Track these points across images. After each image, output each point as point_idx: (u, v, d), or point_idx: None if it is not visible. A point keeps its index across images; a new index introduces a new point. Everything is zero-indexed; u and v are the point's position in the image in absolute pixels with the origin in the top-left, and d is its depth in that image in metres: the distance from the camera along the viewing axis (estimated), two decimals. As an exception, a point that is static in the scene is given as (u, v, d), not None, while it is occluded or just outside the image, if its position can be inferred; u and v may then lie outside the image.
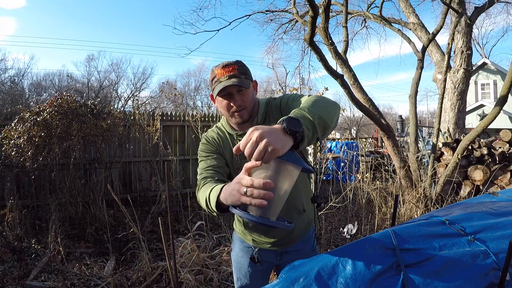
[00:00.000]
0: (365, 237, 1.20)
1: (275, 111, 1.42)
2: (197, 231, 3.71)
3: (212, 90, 1.34)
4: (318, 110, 1.02)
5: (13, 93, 20.34)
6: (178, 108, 23.74)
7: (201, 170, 1.37)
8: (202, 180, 1.31)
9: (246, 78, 1.32)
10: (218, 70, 1.32)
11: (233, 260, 1.67)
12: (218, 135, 1.47)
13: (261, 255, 1.55)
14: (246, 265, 1.59)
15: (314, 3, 3.21)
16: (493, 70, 17.76)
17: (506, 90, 3.40)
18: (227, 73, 1.29)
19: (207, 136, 1.48)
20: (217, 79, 1.32)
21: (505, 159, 4.84)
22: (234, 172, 1.43)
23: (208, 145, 1.45)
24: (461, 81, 6.96)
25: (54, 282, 3.10)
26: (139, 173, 6.14)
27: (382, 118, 4.76)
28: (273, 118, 1.40)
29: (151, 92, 32.76)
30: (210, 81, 1.35)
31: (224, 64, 1.32)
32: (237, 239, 1.65)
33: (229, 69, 1.30)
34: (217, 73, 1.32)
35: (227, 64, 1.32)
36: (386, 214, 4.52)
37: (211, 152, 1.43)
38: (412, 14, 7.51)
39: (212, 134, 1.48)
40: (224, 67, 1.31)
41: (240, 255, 1.61)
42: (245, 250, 1.59)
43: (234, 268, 1.65)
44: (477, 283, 1.05)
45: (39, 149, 4.24)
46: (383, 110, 34.07)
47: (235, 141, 1.43)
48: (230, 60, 1.34)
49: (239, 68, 1.31)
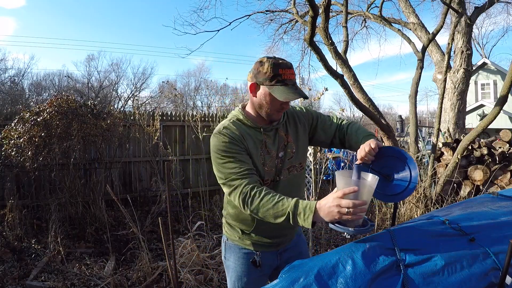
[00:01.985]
0: (365, 237, 1.20)
1: (299, 117, 1.56)
2: (197, 231, 3.70)
3: (270, 82, 1.33)
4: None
5: (13, 93, 20.34)
6: (178, 108, 23.75)
7: (235, 173, 1.28)
8: (249, 186, 1.23)
9: None
10: (284, 69, 1.33)
11: (229, 270, 1.59)
12: (238, 130, 1.39)
13: (262, 258, 1.54)
14: (246, 271, 1.55)
15: (314, 3, 3.21)
16: (493, 70, 17.77)
17: (506, 90, 3.40)
18: (292, 76, 1.35)
19: (229, 134, 1.36)
20: (282, 79, 1.32)
21: (505, 159, 4.84)
22: (260, 166, 1.40)
23: (232, 143, 1.34)
24: (461, 81, 6.96)
25: (54, 282, 3.10)
26: (139, 173, 6.14)
27: (382, 118, 4.76)
28: (293, 122, 1.55)
29: (151, 92, 32.75)
30: (270, 71, 1.32)
31: (289, 64, 1.36)
32: (232, 247, 1.58)
33: (293, 72, 1.36)
34: (282, 72, 1.33)
35: (291, 65, 1.36)
36: (386, 214, 4.52)
37: (239, 152, 1.34)
38: (412, 14, 7.51)
39: (232, 130, 1.38)
40: (290, 68, 1.35)
41: (239, 263, 1.56)
42: (244, 257, 1.55)
43: (233, 277, 1.57)
44: (477, 283, 1.04)
45: (39, 149, 4.24)
46: (383, 110, 34.09)
47: (260, 135, 1.43)
48: (284, 59, 1.37)
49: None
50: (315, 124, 1.58)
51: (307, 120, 1.58)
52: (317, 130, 1.58)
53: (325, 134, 1.58)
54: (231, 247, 1.59)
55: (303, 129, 1.55)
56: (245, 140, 1.38)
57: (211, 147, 1.38)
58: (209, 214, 4.69)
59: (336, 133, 1.57)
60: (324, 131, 1.58)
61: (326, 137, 1.59)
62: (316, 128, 1.58)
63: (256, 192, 1.22)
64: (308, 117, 1.58)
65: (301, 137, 1.54)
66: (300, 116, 1.56)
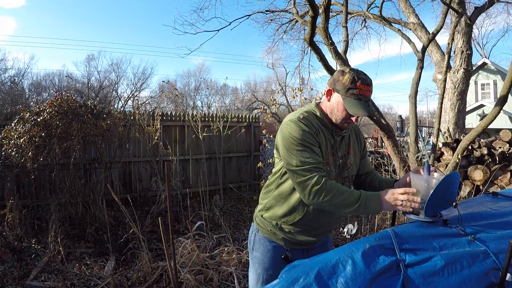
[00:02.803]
0: (365, 237, 1.20)
1: (361, 137, 1.68)
2: (197, 231, 3.70)
3: (345, 92, 1.40)
4: None
5: (13, 93, 20.33)
6: (178, 108, 23.75)
7: (310, 163, 1.34)
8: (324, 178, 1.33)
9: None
10: (361, 84, 1.39)
11: (256, 261, 1.62)
12: (317, 124, 1.47)
13: (292, 254, 1.59)
14: (273, 264, 1.59)
15: (314, 3, 3.21)
16: (493, 70, 17.76)
17: (506, 90, 3.40)
18: (368, 93, 1.41)
19: (309, 124, 1.42)
20: (358, 94, 1.39)
21: (505, 159, 4.84)
22: (324, 164, 1.45)
23: (311, 134, 1.40)
24: (461, 81, 6.96)
25: (54, 282, 3.10)
26: (139, 173, 6.14)
27: (382, 118, 4.76)
28: (355, 137, 1.65)
29: (151, 92, 32.74)
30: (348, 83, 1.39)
31: (368, 81, 1.41)
32: (262, 240, 1.61)
33: (370, 90, 1.42)
34: (359, 87, 1.39)
35: (370, 82, 1.42)
36: (386, 214, 4.52)
37: (315, 144, 1.41)
38: (412, 14, 7.51)
39: (312, 121, 1.45)
40: (369, 85, 1.41)
41: (268, 255, 1.59)
42: (273, 250, 1.59)
43: (259, 269, 1.60)
44: (477, 283, 1.05)
45: (39, 149, 4.24)
46: (383, 110, 34.05)
47: (331, 136, 1.51)
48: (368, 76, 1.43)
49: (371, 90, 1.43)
50: (363, 154, 1.70)
51: (363, 145, 1.69)
52: (362, 157, 1.69)
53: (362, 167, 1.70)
54: (261, 239, 1.61)
55: (359, 149, 1.65)
56: (319, 135, 1.45)
57: (286, 133, 1.40)
58: (209, 214, 4.69)
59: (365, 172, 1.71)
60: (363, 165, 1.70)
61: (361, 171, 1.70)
62: (363, 154, 1.70)
63: (331, 183, 1.34)
64: (363, 143, 1.70)
65: (357, 154, 1.64)
66: (361, 137, 1.69)
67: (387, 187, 1.49)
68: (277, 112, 21.26)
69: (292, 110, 22.54)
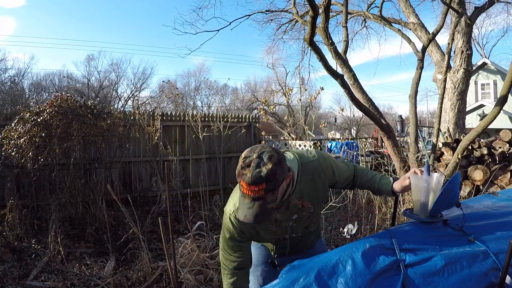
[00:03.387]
0: (365, 237, 1.20)
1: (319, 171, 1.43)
2: (197, 231, 3.70)
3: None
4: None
5: (13, 93, 20.33)
6: (178, 108, 23.74)
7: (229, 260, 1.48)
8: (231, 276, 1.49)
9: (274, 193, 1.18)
10: (244, 184, 1.15)
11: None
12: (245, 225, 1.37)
13: (279, 261, 1.63)
14: (262, 261, 1.66)
15: (314, 3, 3.22)
16: (493, 70, 17.76)
17: (506, 90, 3.40)
18: (253, 194, 1.15)
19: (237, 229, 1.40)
20: (242, 191, 1.18)
21: (505, 159, 4.84)
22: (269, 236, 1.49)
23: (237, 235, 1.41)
24: (461, 81, 6.96)
25: (54, 282, 3.10)
26: (139, 173, 6.13)
27: (382, 118, 4.76)
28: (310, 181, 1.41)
29: (151, 92, 32.75)
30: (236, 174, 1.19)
31: (250, 181, 1.13)
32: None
33: (254, 190, 1.14)
34: (243, 188, 1.16)
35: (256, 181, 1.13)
36: (386, 214, 4.52)
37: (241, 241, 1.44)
38: (412, 14, 7.50)
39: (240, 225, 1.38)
40: (250, 184, 1.13)
41: (257, 252, 1.66)
42: (262, 248, 1.67)
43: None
44: (477, 283, 1.05)
45: (39, 150, 4.24)
46: (383, 110, 34.02)
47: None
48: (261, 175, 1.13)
49: (267, 188, 1.14)
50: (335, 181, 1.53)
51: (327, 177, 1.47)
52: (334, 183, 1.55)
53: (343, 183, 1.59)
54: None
55: (323, 183, 1.45)
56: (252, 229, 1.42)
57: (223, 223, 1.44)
58: (209, 214, 4.69)
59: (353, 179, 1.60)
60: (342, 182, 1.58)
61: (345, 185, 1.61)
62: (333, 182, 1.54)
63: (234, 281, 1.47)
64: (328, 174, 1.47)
65: (320, 193, 1.47)
66: (319, 170, 1.43)
67: (385, 191, 1.51)
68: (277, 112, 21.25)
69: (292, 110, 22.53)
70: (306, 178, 1.39)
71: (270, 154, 1.16)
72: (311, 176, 1.40)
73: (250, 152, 1.19)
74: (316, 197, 1.46)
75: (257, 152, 1.17)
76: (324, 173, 1.44)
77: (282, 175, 1.18)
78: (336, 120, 31.06)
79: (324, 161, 1.45)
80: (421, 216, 1.32)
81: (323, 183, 1.45)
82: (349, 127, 30.68)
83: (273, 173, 1.14)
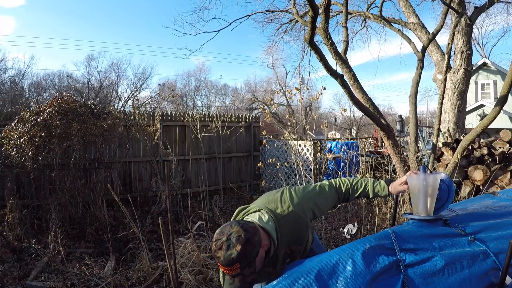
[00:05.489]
0: (365, 237, 1.20)
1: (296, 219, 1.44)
2: (197, 231, 3.70)
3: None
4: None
5: (13, 93, 20.33)
6: (178, 108, 23.77)
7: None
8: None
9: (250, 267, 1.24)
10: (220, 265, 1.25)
11: None
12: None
13: None
14: None
15: (314, 3, 3.21)
16: (493, 70, 17.75)
17: (506, 90, 3.40)
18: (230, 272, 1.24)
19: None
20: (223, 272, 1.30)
21: (505, 159, 4.84)
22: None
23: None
24: (461, 81, 6.96)
25: (54, 282, 3.10)
26: (139, 173, 6.13)
27: (382, 118, 4.76)
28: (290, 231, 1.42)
29: (151, 92, 32.74)
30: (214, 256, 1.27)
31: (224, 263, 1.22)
32: None
33: (230, 270, 1.23)
34: (221, 267, 1.27)
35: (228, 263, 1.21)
36: (386, 214, 4.52)
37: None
38: (412, 14, 7.51)
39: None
40: (225, 266, 1.23)
41: None
42: None
43: None
44: (477, 283, 1.05)
45: (39, 149, 4.24)
46: (383, 110, 34.00)
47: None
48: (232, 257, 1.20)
49: (241, 266, 1.22)
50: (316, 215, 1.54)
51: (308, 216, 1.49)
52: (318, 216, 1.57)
53: (331, 208, 1.63)
54: None
55: (305, 225, 1.49)
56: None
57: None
58: (209, 214, 4.69)
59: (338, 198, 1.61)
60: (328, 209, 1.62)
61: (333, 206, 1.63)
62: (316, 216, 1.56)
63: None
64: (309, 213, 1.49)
65: (305, 235, 1.51)
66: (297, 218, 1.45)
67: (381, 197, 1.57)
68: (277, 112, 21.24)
69: (292, 110, 22.53)
70: (287, 230, 1.42)
71: (237, 235, 1.22)
72: (291, 226, 1.43)
73: (220, 235, 1.26)
74: (301, 239, 1.49)
75: (226, 235, 1.24)
76: (304, 218, 1.46)
77: (254, 251, 1.24)
78: (336, 120, 31.08)
79: (300, 208, 1.45)
80: (422, 216, 1.34)
81: (305, 225, 1.48)
82: (349, 127, 30.71)
83: (243, 253, 1.21)
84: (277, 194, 1.49)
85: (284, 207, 1.43)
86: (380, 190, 1.54)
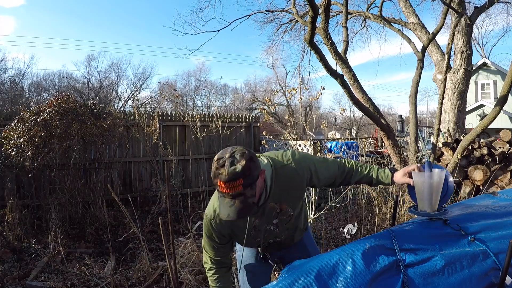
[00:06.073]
0: (365, 237, 1.20)
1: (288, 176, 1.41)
2: (197, 231, 3.70)
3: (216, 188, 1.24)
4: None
5: (13, 93, 20.34)
6: (178, 108, 23.77)
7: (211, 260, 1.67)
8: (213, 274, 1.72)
9: (252, 188, 1.21)
10: (222, 183, 1.18)
11: (239, 260, 1.78)
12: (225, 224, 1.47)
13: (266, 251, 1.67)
14: (254, 255, 1.72)
15: (314, 3, 3.21)
16: (493, 70, 17.76)
17: (506, 90, 3.40)
18: (229, 191, 1.18)
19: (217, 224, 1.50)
20: (220, 191, 1.21)
21: (505, 159, 4.84)
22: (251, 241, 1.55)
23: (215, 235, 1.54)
24: (461, 81, 6.96)
25: (54, 282, 3.10)
26: (139, 173, 6.13)
27: (382, 118, 4.76)
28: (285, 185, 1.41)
29: (151, 92, 32.81)
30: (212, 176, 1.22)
31: (227, 178, 1.17)
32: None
33: (231, 186, 1.17)
34: (221, 187, 1.19)
35: (231, 178, 1.16)
36: (386, 214, 4.51)
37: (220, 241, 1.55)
38: (412, 14, 7.51)
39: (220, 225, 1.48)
40: (226, 182, 1.17)
41: (249, 254, 1.73)
42: (250, 249, 1.72)
43: (241, 269, 1.77)
44: (477, 283, 1.05)
45: (39, 149, 4.23)
46: (383, 110, 34.00)
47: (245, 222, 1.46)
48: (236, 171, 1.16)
49: (244, 183, 1.18)
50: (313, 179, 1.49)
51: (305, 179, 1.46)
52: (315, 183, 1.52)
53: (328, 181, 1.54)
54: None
55: (300, 185, 1.45)
56: (232, 228, 1.49)
57: (203, 223, 1.55)
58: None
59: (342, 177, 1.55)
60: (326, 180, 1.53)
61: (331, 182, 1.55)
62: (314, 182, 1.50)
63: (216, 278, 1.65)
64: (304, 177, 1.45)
65: (298, 196, 1.51)
66: (294, 173, 1.42)
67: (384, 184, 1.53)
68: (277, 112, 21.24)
69: (292, 110, 22.53)
70: (281, 181, 1.40)
71: (242, 152, 1.22)
72: (286, 178, 1.41)
73: (222, 154, 1.23)
74: (293, 199, 1.49)
75: (229, 152, 1.22)
76: (300, 176, 1.43)
77: (256, 170, 1.23)
78: (336, 120, 31.08)
79: (299, 165, 1.43)
80: (428, 212, 1.35)
81: (300, 185, 1.45)
82: (349, 127, 30.70)
83: (248, 168, 1.19)
84: (281, 150, 1.51)
85: (284, 159, 1.43)
86: (384, 177, 1.50)
